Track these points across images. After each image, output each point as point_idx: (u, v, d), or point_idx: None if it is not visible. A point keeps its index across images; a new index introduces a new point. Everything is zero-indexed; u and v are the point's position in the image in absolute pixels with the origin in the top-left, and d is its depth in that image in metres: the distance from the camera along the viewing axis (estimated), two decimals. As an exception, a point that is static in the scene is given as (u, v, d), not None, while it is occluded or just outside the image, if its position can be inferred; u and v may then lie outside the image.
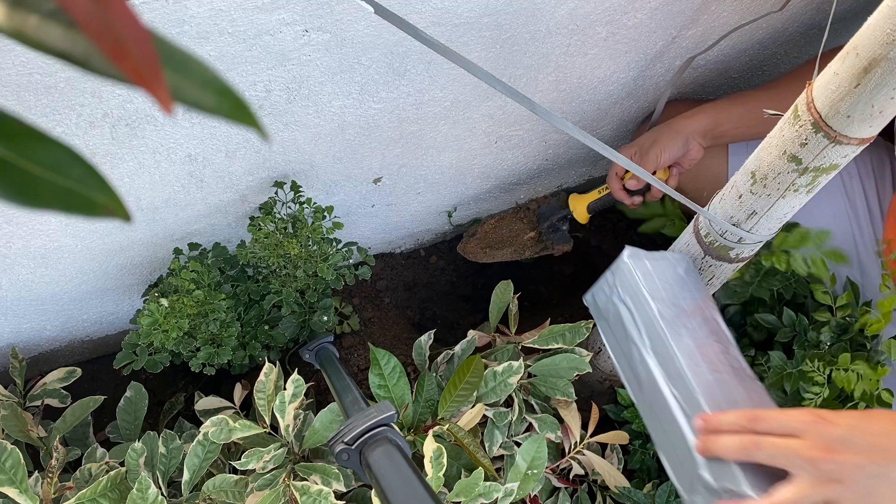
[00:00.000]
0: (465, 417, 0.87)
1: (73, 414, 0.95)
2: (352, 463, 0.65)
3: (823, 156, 0.60)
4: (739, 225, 0.73)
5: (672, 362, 0.66)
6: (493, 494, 0.79)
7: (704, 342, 0.69)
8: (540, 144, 1.19)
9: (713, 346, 0.69)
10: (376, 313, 1.28)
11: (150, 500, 0.74)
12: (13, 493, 0.74)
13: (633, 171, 0.56)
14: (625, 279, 0.73)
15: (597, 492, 0.97)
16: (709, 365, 0.66)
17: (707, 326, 0.71)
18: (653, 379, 0.67)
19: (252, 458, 0.80)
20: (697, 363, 0.65)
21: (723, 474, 0.57)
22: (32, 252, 0.89)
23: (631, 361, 0.71)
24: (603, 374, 1.13)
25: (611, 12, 0.89)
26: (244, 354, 0.99)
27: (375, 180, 1.07)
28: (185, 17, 0.62)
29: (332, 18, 0.70)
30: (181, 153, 0.82)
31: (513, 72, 0.94)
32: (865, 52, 0.51)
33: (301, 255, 0.93)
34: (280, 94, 0.78)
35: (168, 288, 0.91)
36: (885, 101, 0.52)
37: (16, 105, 0.65)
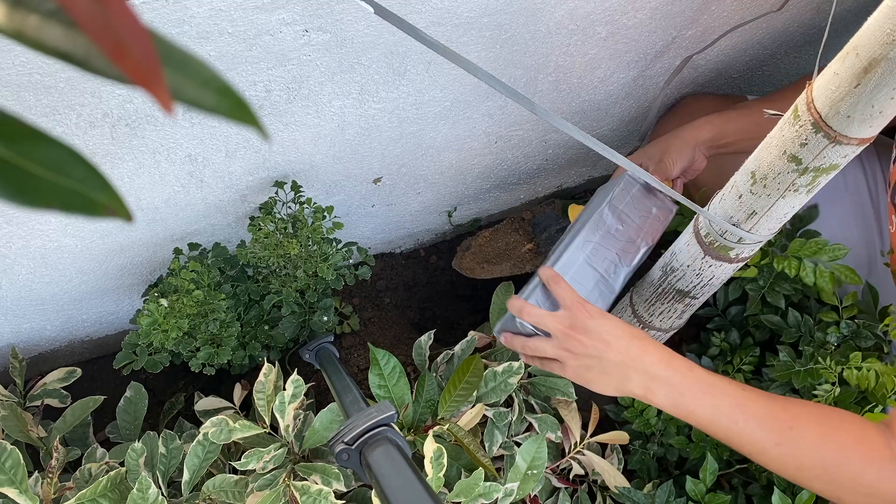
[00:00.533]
0: (465, 417, 0.87)
1: (73, 414, 0.95)
2: (352, 463, 0.65)
3: (823, 156, 0.60)
4: (739, 225, 0.73)
5: (575, 233, 0.89)
6: (493, 494, 0.79)
7: (607, 247, 0.89)
8: (540, 144, 1.19)
9: (609, 253, 0.88)
10: (376, 313, 1.28)
11: (151, 500, 0.74)
12: (13, 493, 0.74)
13: (637, 174, 0.56)
14: (614, 184, 0.93)
15: (597, 492, 0.97)
16: (591, 254, 0.88)
17: (623, 244, 0.89)
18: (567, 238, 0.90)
19: (252, 458, 0.80)
20: (586, 245, 0.88)
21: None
22: (32, 252, 0.89)
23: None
24: (603, 374, 1.13)
25: (611, 12, 0.89)
26: (244, 354, 0.99)
27: (375, 180, 1.07)
28: (185, 17, 0.62)
29: (332, 18, 0.70)
30: (181, 153, 0.82)
31: (513, 72, 0.94)
32: (865, 53, 0.51)
33: (301, 255, 0.93)
34: (280, 94, 0.78)
35: (168, 288, 0.91)
36: (885, 101, 0.52)
37: (16, 105, 0.65)
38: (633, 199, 0.93)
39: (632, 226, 0.91)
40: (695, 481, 0.92)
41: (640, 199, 0.93)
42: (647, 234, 0.91)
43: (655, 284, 0.92)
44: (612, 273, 0.88)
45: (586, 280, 0.87)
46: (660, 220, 0.92)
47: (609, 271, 0.88)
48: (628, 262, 0.89)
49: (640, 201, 0.93)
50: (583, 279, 0.87)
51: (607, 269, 0.88)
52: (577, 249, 0.88)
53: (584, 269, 0.87)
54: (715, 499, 0.92)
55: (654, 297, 0.92)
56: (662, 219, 0.93)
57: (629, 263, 0.89)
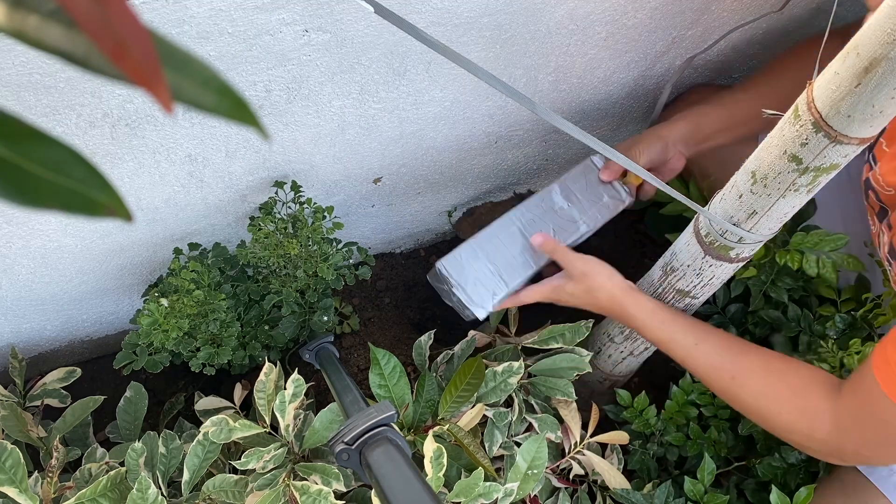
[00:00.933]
0: (465, 417, 0.87)
1: (73, 414, 0.95)
2: (352, 463, 0.65)
3: (824, 155, 0.60)
4: (740, 224, 0.73)
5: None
6: (493, 494, 0.79)
7: (546, 221, 0.95)
8: (540, 144, 1.19)
9: (546, 227, 0.95)
10: (376, 313, 1.28)
11: (150, 500, 0.74)
12: (13, 492, 0.74)
13: (632, 170, 0.56)
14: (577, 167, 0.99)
15: (597, 492, 0.97)
16: (527, 224, 0.94)
17: (563, 223, 0.96)
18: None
19: (252, 457, 0.80)
20: (525, 214, 0.95)
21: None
22: (32, 252, 0.89)
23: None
24: (603, 374, 1.13)
25: (611, 12, 0.89)
26: (244, 354, 0.99)
27: (375, 180, 1.07)
28: (185, 16, 0.62)
29: (332, 18, 0.70)
30: (181, 153, 0.82)
31: (513, 72, 0.94)
32: (866, 52, 0.51)
33: (301, 255, 0.93)
34: (280, 94, 0.78)
35: (168, 288, 0.91)
36: (885, 101, 0.52)
37: (16, 105, 0.65)
38: (588, 182, 0.97)
39: (577, 207, 0.95)
40: (693, 481, 0.92)
41: (595, 184, 0.97)
42: (591, 218, 0.96)
43: (655, 284, 0.92)
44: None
45: (514, 246, 0.93)
46: (608, 208, 0.96)
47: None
48: (565, 241, 0.94)
49: (595, 187, 0.97)
50: (510, 245, 0.93)
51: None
52: (515, 216, 0.94)
53: (514, 236, 0.93)
54: (713, 499, 0.92)
55: (655, 297, 0.92)
56: (612, 207, 0.96)
57: (565, 242, 0.94)
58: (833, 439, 0.72)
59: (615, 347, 1.05)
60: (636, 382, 1.24)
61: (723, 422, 1.03)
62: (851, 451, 0.73)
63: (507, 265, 0.93)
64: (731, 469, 1.03)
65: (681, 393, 1.02)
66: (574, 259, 0.89)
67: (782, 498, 0.86)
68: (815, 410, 0.73)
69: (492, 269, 0.93)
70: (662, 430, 1.05)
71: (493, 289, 0.93)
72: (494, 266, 0.93)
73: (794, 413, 0.75)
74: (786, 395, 0.76)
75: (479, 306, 0.92)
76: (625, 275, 1.32)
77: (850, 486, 0.89)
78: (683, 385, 1.02)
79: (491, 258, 0.93)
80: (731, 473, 1.03)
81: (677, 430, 1.04)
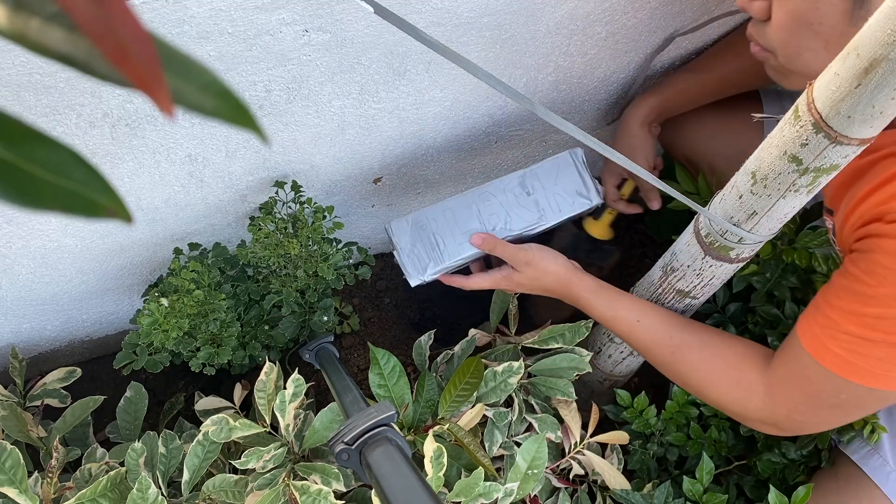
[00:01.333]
0: (465, 417, 0.87)
1: (73, 414, 0.95)
2: (352, 463, 0.65)
3: (824, 156, 0.60)
4: (740, 225, 0.73)
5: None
6: (493, 494, 0.79)
7: (505, 206, 0.93)
8: (540, 144, 1.19)
9: (501, 212, 0.93)
10: (376, 313, 1.28)
11: (151, 500, 0.74)
12: (13, 493, 0.74)
13: (637, 173, 0.56)
14: (552, 158, 0.96)
15: (597, 492, 0.97)
16: (484, 207, 0.93)
17: (521, 211, 0.94)
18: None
19: (252, 457, 0.80)
20: (485, 196, 0.93)
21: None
22: (32, 252, 0.89)
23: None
24: (603, 374, 1.13)
25: (611, 12, 0.89)
26: (244, 354, 0.99)
27: (375, 180, 1.07)
28: (185, 17, 0.62)
29: (332, 18, 0.70)
30: (181, 153, 0.82)
31: (513, 72, 0.94)
32: (866, 53, 0.51)
33: (301, 255, 0.93)
34: (280, 94, 0.78)
35: (168, 288, 0.91)
36: (885, 102, 0.52)
37: (16, 105, 0.65)
38: (560, 175, 0.94)
39: (542, 198, 0.94)
40: (692, 481, 0.92)
41: (567, 178, 0.94)
42: (553, 211, 0.94)
43: (656, 284, 0.92)
44: (493, 230, 0.92)
45: (464, 224, 0.93)
46: (573, 205, 0.94)
47: (491, 228, 0.93)
48: (517, 228, 0.93)
49: (567, 182, 0.94)
50: (462, 223, 0.93)
51: (495, 226, 0.93)
52: (474, 196, 0.93)
53: (469, 215, 0.93)
54: (713, 498, 0.92)
55: (655, 297, 0.92)
56: (578, 206, 0.94)
57: (517, 230, 0.92)
58: (767, 407, 0.77)
59: (615, 347, 1.05)
60: (636, 382, 1.24)
61: (723, 421, 1.03)
62: (784, 415, 0.76)
63: (453, 242, 0.93)
64: (731, 468, 1.03)
65: (681, 393, 1.02)
66: (515, 251, 0.91)
67: (780, 497, 0.86)
68: (749, 381, 0.78)
69: (435, 242, 0.93)
70: (662, 430, 1.05)
71: (430, 260, 0.93)
72: (440, 239, 0.93)
73: (729, 385, 0.80)
74: (721, 368, 0.81)
75: (412, 275, 0.93)
76: (625, 275, 1.32)
77: (844, 479, 0.91)
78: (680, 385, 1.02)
79: (439, 231, 0.93)
80: (731, 473, 1.04)
81: (677, 429, 1.04)
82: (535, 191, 0.94)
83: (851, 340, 0.67)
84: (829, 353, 0.69)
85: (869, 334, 0.65)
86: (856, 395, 0.69)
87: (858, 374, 0.67)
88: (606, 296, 0.90)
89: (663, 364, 0.88)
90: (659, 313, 0.88)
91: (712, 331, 0.86)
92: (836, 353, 0.68)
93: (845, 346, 0.67)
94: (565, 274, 0.90)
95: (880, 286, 0.63)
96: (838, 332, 0.68)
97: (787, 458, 0.96)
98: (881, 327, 0.64)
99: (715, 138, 1.10)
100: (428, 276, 0.93)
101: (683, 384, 0.87)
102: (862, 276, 0.65)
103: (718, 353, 0.83)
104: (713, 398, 0.83)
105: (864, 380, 0.67)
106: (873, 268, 0.64)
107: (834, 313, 0.68)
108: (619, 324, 0.89)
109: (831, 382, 0.70)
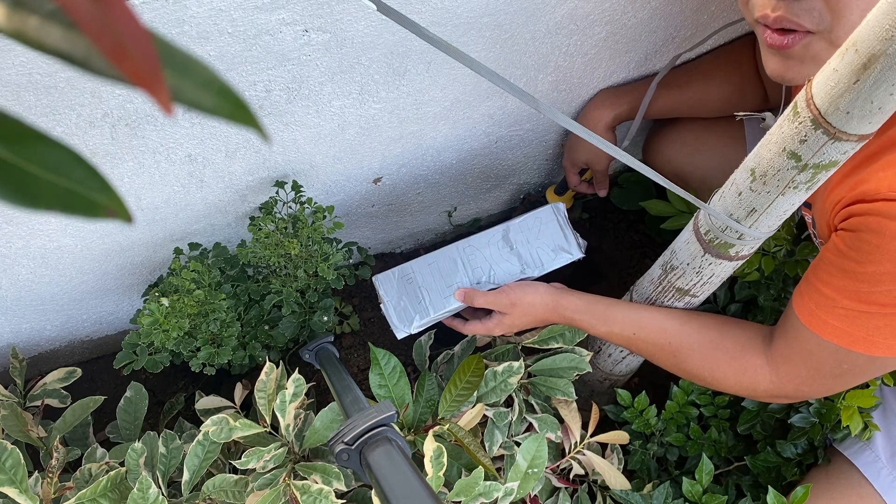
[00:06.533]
0: (466, 417, 0.87)
1: (73, 414, 0.95)
2: (352, 463, 0.65)
3: (823, 152, 0.60)
4: (740, 222, 0.73)
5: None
6: (493, 494, 0.79)
7: (490, 260, 0.96)
8: (540, 144, 1.19)
9: (485, 265, 0.96)
10: (376, 313, 1.28)
11: (151, 500, 0.74)
12: (13, 493, 0.74)
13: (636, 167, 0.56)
14: (534, 212, 0.99)
15: (597, 492, 0.97)
16: (469, 258, 0.96)
17: (505, 266, 0.96)
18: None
19: (252, 457, 0.80)
20: (470, 250, 0.96)
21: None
22: (32, 252, 0.89)
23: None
24: (603, 374, 1.13)
25: (611, 12, 0.89)
26: (244, 354, 0.99)
27: (375, 180, 1.07)
28: (184, 17, 0.62)
29: (332, 18, 0.70)
30: (181, 153, 0.82)
31: (513, 72, 0.94)
32: (864, 49, 0.50)
33: (301, 254, 0.93)
34: (280, 94, 0.78)
35: (168, 287, 0.91)
36: (884, 98, 0.52)
37: (16, 105, 0.65)
38: (542, 230, 0.97)
39: (525, 251, 0.96)
40: (691, 482, 0.92)
41: (548, 233, 0.97)
42: (535, 267, 0.96)
43: (655, 282, 0.92)
44: (478, 283, 0.95)
45: (449, 277, 0.95)
46: (556, 260, 0.96)
47: (476, 280, 0.96)
48: (501, 281, 0.95)
49: (549, 237, 0.97)
50: (447, 276, 0.95)
51: (480, 279, 0.96)
52: (458, 248, 0.96)
53: (453, 267, 0.96)
54: (712, 499, 0.92)
55: (654, 296, 0.92)
56: (560, 261, 0.97)
57: (501, 282, 0.95)
58: (775, 386, 0.79)
59: (615, 346, 1.05)
60: (636, 382, 1.24)
61: (723, 422, 1.03)
62: (793, 389, 0.79)
63: (438, 295, 0.95)
64: (731, 469, 1.03)
65: (681, 393, 1.02)
66: (495, 297, 0.92)
67: (779, 498, 0.86)
68: (754, 368, 0.80)
69: (421, 296, 0.96)
70: (663, 430, 1.05)
71: (416, 313, 0.95)
72: (425, 292, 0.96)
73: (735, 376, 0.82)
74: (725, 361, 0.83)
75: (398, 327, 0.95)
76: (625, 275, 1.32)
77: (836, 475, 0.92)
78: (683, 385, 1.02)
79: (425, 284, 0.96)
80: (731, 473, 1.03)
81: (677, 430, 1.04)
82: (518, 244, 0.97)
83: (848, 313, 0.68)
84: (828, 326, 0.70)
85: (864, 307, 0.67)
86: (857, 363, 0.71)
87: (859, 344, 0.69)
88: (597, 313, 0.91)
89: (667, 367, 0.89)
90: (653, 319, 0.89)
91: (709, 323, 0.86)
92: (835, 325, 0.70)
93: (843, 319, 0.69)
94: (551, 301, 0.91)
95: (869, 263, 0.64)
96: (835, 307, 0.69)
97: (783, 457, 0.96)
98: (875, 300, 0.66)
99: (700, 153, 1.13)
100: (414, 328, 0.95)
101: (692, 379, 0.89)
102: (851, 253, 0.66)
103: (719, 347, 0.83)
104: (723, 389, 0.85)
105: (864, 348, 0.69)
106: (861, 245, 0.65)
107: (828, 289, 0.69)
108: (615, 338, 0.91)
109: (833, 354, 0.71)
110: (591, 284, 1.38)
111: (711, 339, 0.84)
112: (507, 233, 0.97)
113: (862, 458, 0.90)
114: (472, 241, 0.97)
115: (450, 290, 0.95)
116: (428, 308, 0.95)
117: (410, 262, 0.97)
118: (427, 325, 0.95)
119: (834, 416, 0.91)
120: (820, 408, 0.93)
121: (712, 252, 0.79)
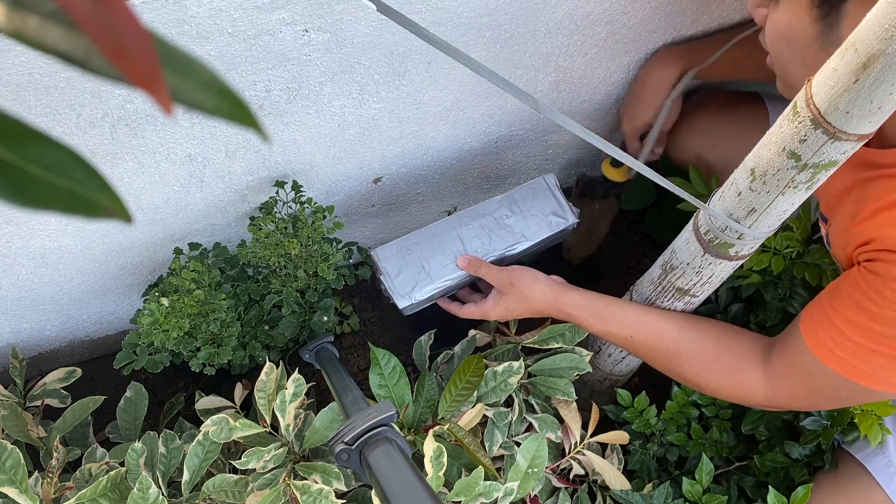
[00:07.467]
0: (466, 417, 0.87)
1: (73, 414, 0.95)
2: (352, 463, 0.65)
3: (823, 152, 0.60)
4: (739, 222, 0.73)
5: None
6: (493, 494, 0.79)
7: (487, 229, 0.97)
8: (540, 144, 1.19)
9: (484, 236, 0.97)
10: (376, 313, 1.28)
11: (151, 500, 0.74)
12: (13, 493, 0.74)
13: (636, 168, 0.56)
14: (527, 184, 1.00)
15: (597, 492, 0.97)
16: (467, 231, 0.97)
17: (503, 234, 0.97)
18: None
19: (252, 457, 0.80)
20: (467, 221, 0.97)
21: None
22: (32, 252, 0.89)
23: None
24: (603, 374, 1.13)
25: (611, 12, 0.89)
26: (244, 354, 0.99)
27: (375, 180, 1.07)
28: (184, 16, 0.62)
29: (332, 18, 0.71)
30: (181, 153, 0.82)
31: (513, 72, 0.94)
32: (864, 48, 0.50)
33: (301, 254, 0.93)
34: (280, 94, 0.78)
35: (168, 287, 0.91)
36: (884, 97, 0.52)
37: (16, 105, 0.65)
38: (536, 199, 0.98)
39: (520, 220, 0.98)
40: (691, 482, 0.92)
41: (542, 201, 0.99)
42: (532, 233, 0.97)
43: (655, 282, 0.92)
44: (476, 252, 0.96)
45: (448, 249, 0.96)
46: (551, 225, 0.97)
47: (474, 250, 0.96)
48: (499, 249, 0.96)
49: (541, 203, 0.99)
50: (446, 247, 0.96)
51: (477, 248, 0.96)
52: (456, 221, 0.97)
53: (452, 239, 0.96)
54: (712, 500, 0.92)
55: (654, 295, 0.92)
56: (555, 225, 0.97)
57: (499, 250, 0.96)
58: (768, 399, 0.80)
59: (615, 347, 1.05)
60: (636, 382, 1.24)
61: (724, 422, 1.03)
62: (785, 404, 0.80)
63: (438, 264, 0.96)
64: (732, 469, 1.03)
65: (681, 393, 1.02)
66: (498, 273, 0.92)
67: (779, 498, 0.86)
68: (751, 381, 0.81)
69: (421, 266, 0.96)
70: (663, 430, 1.05)
71: (417, 283, 0.95)
72: (425, 262, 0.96)
73: (731, 388, 0.83)
74: (722, 373, 0.83)
75: (400, 296, 0.95)
76: (625, 275, 1.32)
77: (846, 479, 0.92)
78: (684, 385, 1.02)
79: (424, 254, 0.96)
80: (732, 473, 1.03)
81: (678, 430, 1.04)
82: (514, 214, 0.98)
83: (857, 348, 0.68)
84: (834, 355, 0.70)
85: (873, 346, 0.67)
86: (855, 392, 0.71)
87: (861, 377, 0.69)
88: (596, 311, 0.90)
89: (663, 370, 0.89)
90: (652, 322, 0.89)
91: (708, 332, 0.86)
92: (840, 356, 0.70)
93: (850, 352, 0.69)
94: (551, 292, 0.91)
95: (888, 309, 0.65)
96: (844, 340, 0.69)
97: (791, 458, 0.96)
98: (886, 343, 0.66)
99: (723, 138, 1.11)
100: (416, 298, 0.95)
101: (687, 384, 0.89)
102: (872, 294, 0.66)
103: (716, 359, 0.83)
104: (717, 396, 0.86)
105: (866, 382, 0.69)
106: (885, 291, 0.65)
107: (840, 321, 0.69)
108: (612, 338, 0.91)
109: (833, 381, 0.72)
110: (591, 284, 1.38)
111: (709, 350, 0.84)
112: (502, 203, 0.98)
113: (874, 462, 0.89)
114: (468, 213, 0.98)
115: (450, 260, 0.95)
116: (430, 276, 0.95)
117: (406, 236, 0.97)
118: (428, 295, 0.95)
119: (845, 419, 0.91)
120: (832, 411, 0.92)
121: (712, 252, 0.79)
